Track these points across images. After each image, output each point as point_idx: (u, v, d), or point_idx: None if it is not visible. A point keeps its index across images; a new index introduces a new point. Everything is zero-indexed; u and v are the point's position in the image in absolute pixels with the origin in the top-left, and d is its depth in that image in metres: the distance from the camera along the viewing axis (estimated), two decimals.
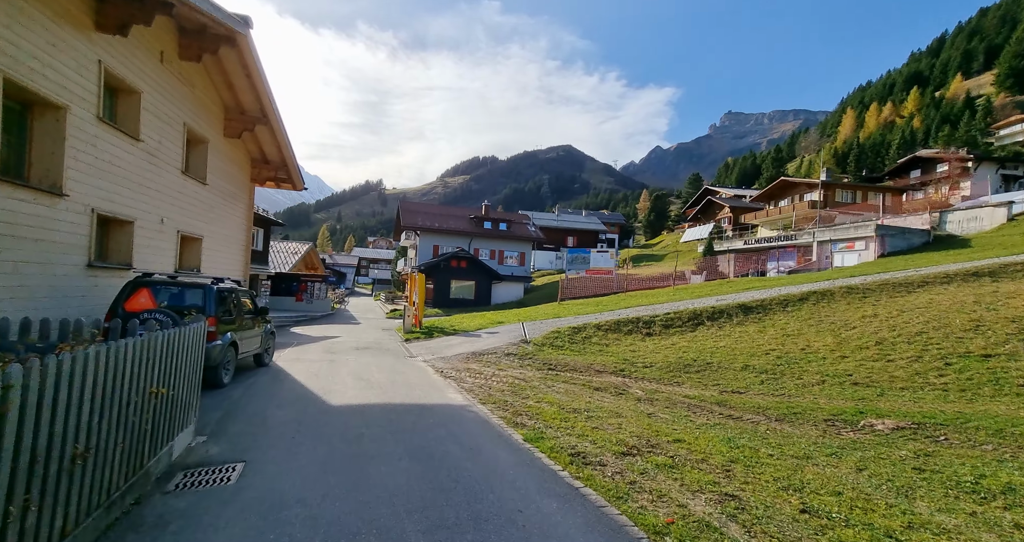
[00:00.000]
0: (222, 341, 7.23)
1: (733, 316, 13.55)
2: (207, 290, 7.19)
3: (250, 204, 14.85)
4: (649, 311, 15.60)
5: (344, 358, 11.43)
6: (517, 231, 43.50)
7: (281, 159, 14.58)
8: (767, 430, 5.82)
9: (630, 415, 6.48)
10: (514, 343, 13.10)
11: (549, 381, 8.92)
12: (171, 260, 9.97)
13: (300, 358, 11.19)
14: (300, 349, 12.89)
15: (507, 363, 10.94)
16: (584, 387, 8.49)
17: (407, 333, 17.11)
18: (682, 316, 14.11)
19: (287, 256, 34.50)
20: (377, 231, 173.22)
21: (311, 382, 8.25)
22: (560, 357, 11.38)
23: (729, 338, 11.87)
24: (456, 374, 9.71)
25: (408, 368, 10.35)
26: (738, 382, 8.62)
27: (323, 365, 10.19)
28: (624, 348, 12.21)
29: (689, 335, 12.84)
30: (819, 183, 46.88)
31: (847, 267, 24.10)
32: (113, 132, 7.66)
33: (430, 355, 12.55)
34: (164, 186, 9.44)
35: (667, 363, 10.22)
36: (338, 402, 6.85)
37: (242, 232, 14.44)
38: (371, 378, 8.90)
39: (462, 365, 10.77)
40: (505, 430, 5.66)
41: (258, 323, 9.11)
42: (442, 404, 7.00)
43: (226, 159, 12.73)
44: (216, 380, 7.21)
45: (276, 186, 16.09)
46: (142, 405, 3.44)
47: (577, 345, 12.66)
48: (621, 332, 13.61)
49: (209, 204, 11.75)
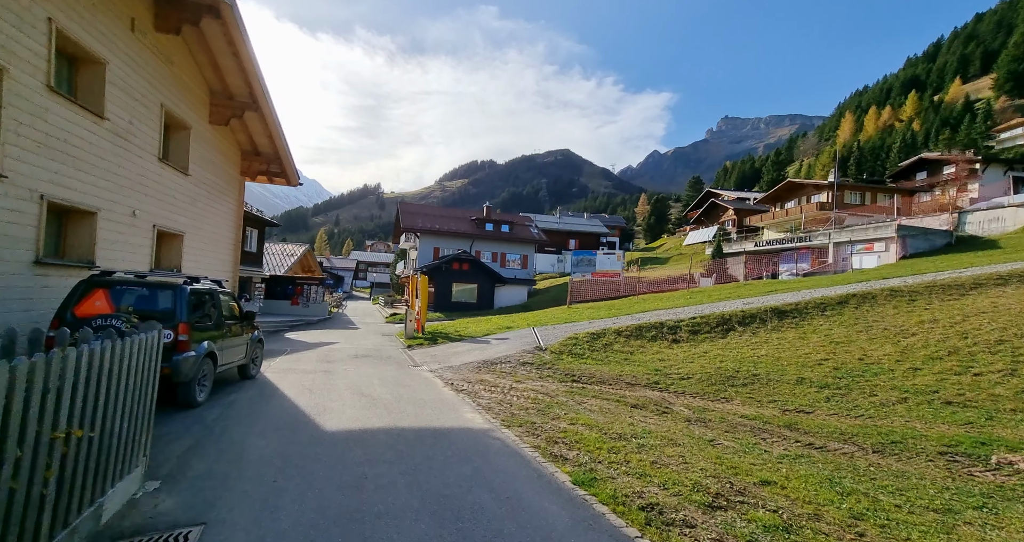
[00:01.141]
0: (196, 352, 6.06)
1: (766, 321, 12.43)
2: (178, 292, 6.02)
3: (240, 199, 13.69)
4: (671, 315, 14.47)
5: (342, 368, 10.24)
6: (519, 233, 42.42)
7: (274, 150, 13.44)
8: (869, 466, 4.69)
9: (688, 443, 5.33)
10: (528, 350, 11.95)
11: (577, 396, 7.77)
12: (146, 258, 8.80)
13: (292, 368, 10.00)
14: (293, 357, 11.70)
15: (524, 374, 9.78)
16: (619, 404, 7.34)
17: (409, 339, 15.93)
18: (709, 321, 12.99)
19: (283, 258, 33.30)
20: (375, 235, 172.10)
21: (303, 399, 7.08)
22: (582, 367, 10.23)
23: (768, 345, 10.74)
24: (469, 387, 8.54)
25: (414, 380, 9.19)
26: (798, 398, 7.48)
27: (318, 377, 9.01)
28: (651, 357, 11.06)
29: (720, 342, 11.71)
30: (827, 184, 46.01)
31: (868, 269, 23.05)
32: (69, 106, 6.51)
33: (436, 364, 11.38)
34: (137, 174, 8.28)
35: (706, 374, 9.08)
36: (334, 426, 5.68)
37: (231, 230, 13.27)
38: (373, 393, 7.73)
39: (474, 376, 9.61)
40: (545, 467, 4.49)
41: (243, 330, 7.94)
42: (459, 428, 5.84)
43: (212, 149, 11.59)
44: (188, 399, 6.03)
45: (269, 180, 14.95)
46: (35, 459, 2.28)
47: (598, 353, 11.51)
48: (644, 338, 12.47)
49: (192, 197, 10.59)
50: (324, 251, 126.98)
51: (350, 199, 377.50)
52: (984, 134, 73.25)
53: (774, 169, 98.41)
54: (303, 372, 9.54)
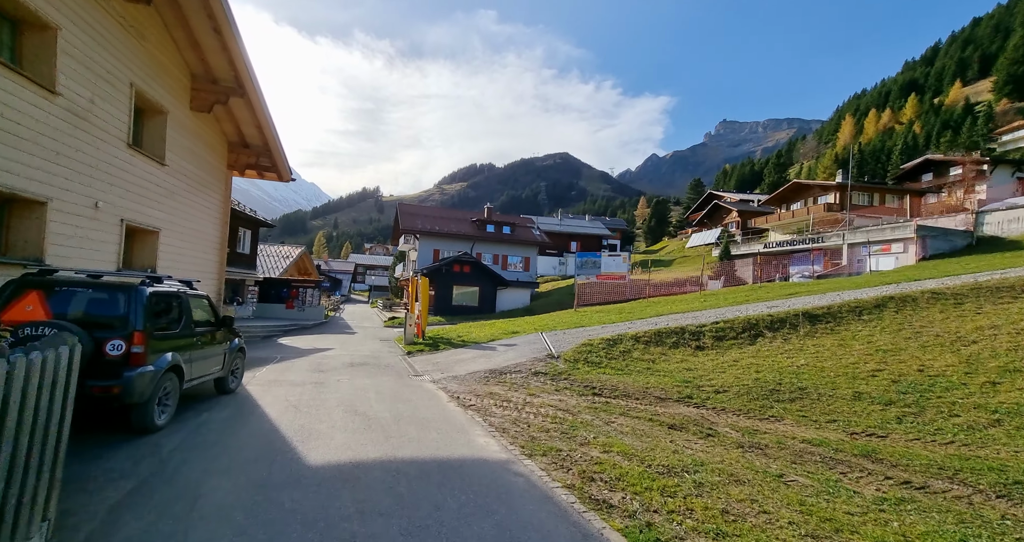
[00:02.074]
0: (155, 366, 5.03)
1: (797, 326, 11.44)
2: (133, 294, 5.00)
3: (226, 195, 12.69)
4: (690, 320, 13.47)
5: (335, 379, 9.22)
6: (521, 235, 41.46)
7: (263, 142, 12.45)
8: (1003, 519, 3.69)
9: (754, 480, 4.32)
10: (539, 359, 10.94)
11: (602, 414, 6.76)
12: (112, 256, 7.78)
13: (280, 379, 8.97)
14: (283, 366, 10.66)
15: (538, 386, 8.77)
16: (654, 424, 6.33)
17: (409, 345, 14.90)
18: (735, 326, 11.99)
19: (278, 260, 32.27)
20: (374, 238, 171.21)
21: (287, 419, 6.05)
22: (601, 377, 9.22)
23: (805, 354, 9.74)
24: (478, 402, 7.53)
25: (415, 393, 8.17)
26: (862, 418, 6.46)
27: (307, 390, 7.98)
28: (676, 366, 10.05)
29: (750, 349, 10.71)
30: (835, 185, 45.19)
31: (888, 271, 22.11)
32: (9, 75, 5.52)
33: (439, 373, 10.36)
34: (100, 160, 7.28)
35: (743, 387, 8.07)
36: (319, 457, 4.66)
37: (216, 227, 12.26)
38: (368, 410, 6.70)
39: (482, 388, 8.59)
40: (587, 520, 3.47)
41: (220, 338, 6.91)
42: (472, 459, 4.82)
43: (194, 138, 10.60)
44: (144, 423, 5.00)
45: (259, 175, 13.94)
46: None
47: (617, 361, 10.50)
48: (665, 345, 11.47)
49: (169, 190, 9.59)
50: (322, 254, 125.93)
51: (349, 202, 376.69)
52: (986, 136, 73.42)
53: (775, 171, 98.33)
54: (291, 384, 8.51)
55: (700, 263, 44.10)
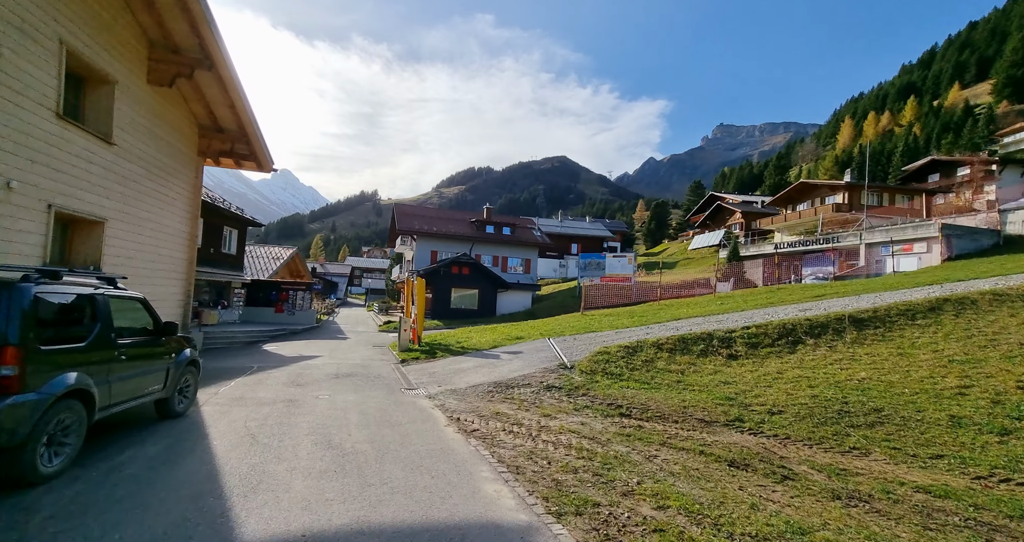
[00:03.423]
0: (38, 394, 3.64)
1: (842, 332, 10.09)
2: (7, 294, 3.62)
3: (196, 185, 11.30)
4: (714, 324, 12.12)
5: (313, 395, 7.82)
6: (521, 236, 40.13)
7: (239, 126, 11.09)
8: None
9: None
10: (550, 369, 9.55)
11: (638, 443, 5.39)
12: (34, 250, 6.38)
13: (246, 397, 7.57)
14: (256, 379, 9.25)
15: (554, 403, 7.38)
16: (707, 459, 4.96)
17: (403, 352, 13.52)
18: (768, 331, 10.64)
19: (267, 262, 30.82)
20: (372, 241, 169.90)
21: (236, 456, 4.66)
22: (627, 393, 7.83)
23: (859, 364, 8.39)
24: (482, 425, 6.14)
25: (406, 413, 6.77)
26: (976, 453, 5.00)
27: (275, 411, 6.59)
28: (710, 378, 8.68)
29: (791, 358, 9.36)
30: (844, 185, 44.08)
31: (913, 272, 20.84)
32: None
33: (436, 386, 8.98)
34: (14, 130, 5.90)
35: (801, 406, 6.71)
36: (261, 528, 3.26)
37: (183, 221, 10.86)
38: (345, 441, 5.31)
39: (486, 406, 7.21)
40: None
41: (160, 350, 5.52)
42: (480, 524, 3.43)
43: (155, 117, 9.22)
44: (19, 472, 3.57)
45: (236, 165, 12.56)
46: None
47: (640, 372, 9.12)
48: (692, 353, 10.10)
49: (121, 175, 8.20)
50: (319, 257, 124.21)
51: (347, 206, 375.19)
52: (987, 138, 73.42)
53: (776, 173, 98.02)
54: (258, 403, 7.10)
55: (705, 265, 42.86)
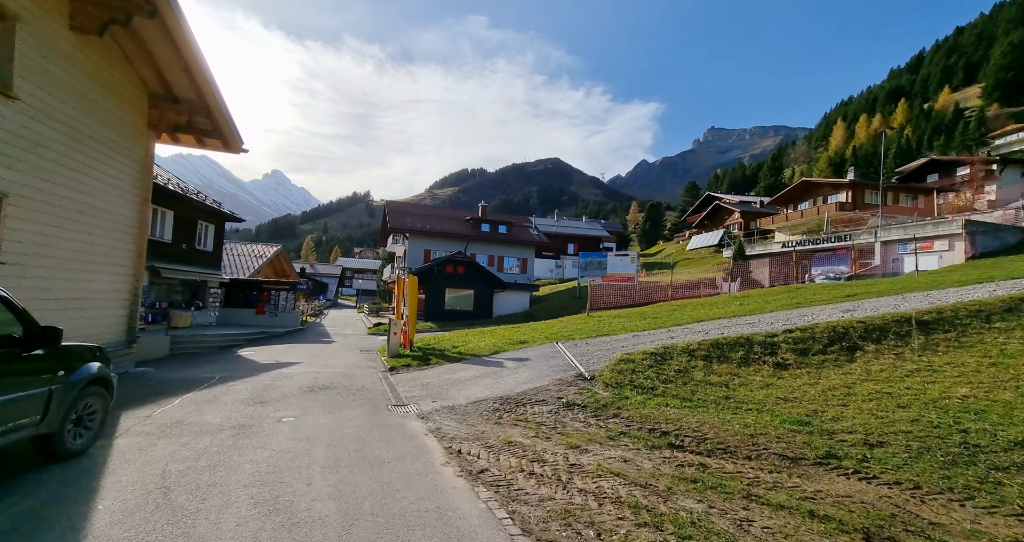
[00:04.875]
0: None
1: (906, 336, 8.65)
2: None
3: (146, 163, 9.58)
4: (746, 327, 10.66)
5: (275, 417, 6.17)
6: (518, 234, 38.59)
7: (197, 95, 9.40)
8: None
9: None
10: (567, 381, 7.98)
11: (710, 494, 3.85)
12: None
13: (186, 421, 5.91)
14: (209, 394, 7.56)
15: (579, 428, 5.81)
16: (826, 528, 3.42)
17: (393, 357, 11.89)
18: (816, 336, 9.16)
19: (249, 260, 28.93)
20: (364, 242, 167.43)
21: (124, 532, 3.04)
22: (668, 413, 6.28)
23: (945, 376, 6.93)
24: (493, 464, 4.56)
25: (392, 445, 5.16)
26: None
27: (215, 444, 4.95)
28: (763, 392, 7.16)
29: (852, 367, 7.89)
30: (847, 183, 43.16)
31: (939, 271, 19.61)
32: None
33: (430, 402, 7.38)
34: None
35: (902, 434, 5.20)
36: None
37: (128, 205, 9.14)
38: (299, 500, 3.69)
39: (494, 432, 5.62)
40: None
41: (31, 367, 3.87)
42: None
43: (83, 74, 7.53)
44: None
45: (199, 143, 10.85)
46: None
47: (676, 385, 7.57)
48: (731, 361, 8.59)
49: (29, 139, 6.50)
50: (310, 258, 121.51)
51: (339, 207, 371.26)
52: (979, 140, 74.16)
53: (771, 174, 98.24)
54: (197, 432, 5.45)
55: (705, 265, 41.65)
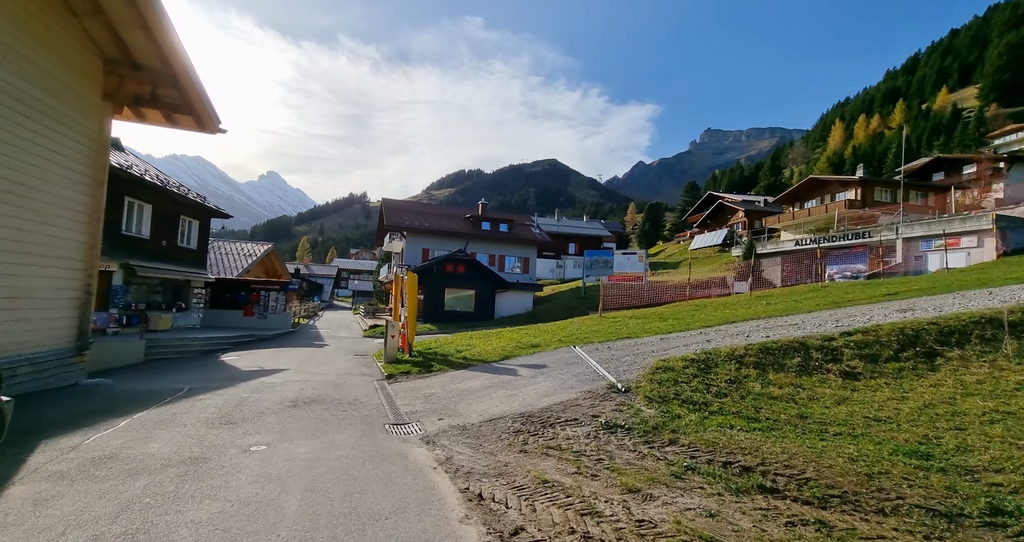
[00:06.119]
0: None
1: (991, 340, 7.41)
2: None
3: (101, 139, 8.20)
4: (792, 329, 9.40)
5: (238, 446, 4.83)
6: (520, 233, 37.30)
7: (162, 61, 8.04)
8: None
9: None
10: (597, 393, 6.66)
11: None
12: None
13: (121, 454, 4.57)
14: (168, 412, 6.21)
15: (630, 460, 4.51)
16: None
17: (390, 364, 10.57)
18: (880, 339, 7.91)
19: (238, 259, 27.49)
20: (360, 243, 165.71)
21: None
22: (736, 437, 4.99)
23: None
24: (528, 519, 3.24)
25: (390, 489, 3.83)
26: None
27: (149, 492, 3.62)
28: (844, 410, 5.88)
29: (938, 377, 6.64)
30: (856, 180, 42.15)
31: (969, 268, 18.48)
32: None
33: (435, 421, 6.07)
34: None
35: None
36: None
37: (77, 188, 7.76)
38: None
39: (520, 463, 4.32)
40: None
41: None
42: None
43: (13, 26, 6.19)
44: None
45: (166, 120, 9.48)
46: None
47: (732, 399, 6.29)
48: (787, 370, 7.31)
49: None
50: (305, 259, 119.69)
51: (335, 208, 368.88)
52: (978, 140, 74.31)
53: (771, 174, 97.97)
54: (131, 472, 4.10)
55: (710, 264, 40.46)
